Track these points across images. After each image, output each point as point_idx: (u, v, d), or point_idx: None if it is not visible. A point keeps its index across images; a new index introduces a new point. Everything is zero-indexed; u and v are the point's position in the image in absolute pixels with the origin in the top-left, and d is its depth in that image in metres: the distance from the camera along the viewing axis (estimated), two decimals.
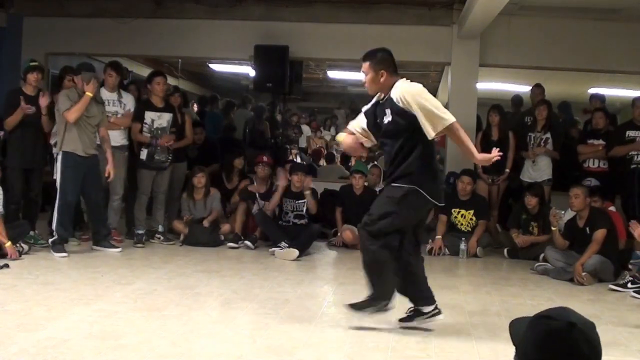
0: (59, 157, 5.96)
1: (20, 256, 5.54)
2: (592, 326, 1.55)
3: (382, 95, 3.95)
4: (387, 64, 3.92)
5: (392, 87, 3.86)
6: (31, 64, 6.37)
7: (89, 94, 5.90)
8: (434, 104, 3.76)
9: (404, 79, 3.91)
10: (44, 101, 6.22)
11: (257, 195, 7.17)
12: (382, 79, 3.89)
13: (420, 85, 3.84)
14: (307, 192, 6.86)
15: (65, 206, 5.97)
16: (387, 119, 3.86)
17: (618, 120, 8.64)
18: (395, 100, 3.78)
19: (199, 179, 6.97)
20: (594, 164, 7.31)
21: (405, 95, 3.75)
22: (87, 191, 6.13)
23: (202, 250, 6.54)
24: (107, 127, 6.46)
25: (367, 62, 3.94)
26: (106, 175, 6.15)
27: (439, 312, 3.98)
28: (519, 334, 1.62)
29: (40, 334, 3.52)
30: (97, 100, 6.15)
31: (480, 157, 3.96)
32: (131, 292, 4.62)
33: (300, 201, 6.89)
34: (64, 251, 5.85)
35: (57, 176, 5.97)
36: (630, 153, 6.94)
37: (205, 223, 6.91)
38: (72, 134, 5.92)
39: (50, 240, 5.98)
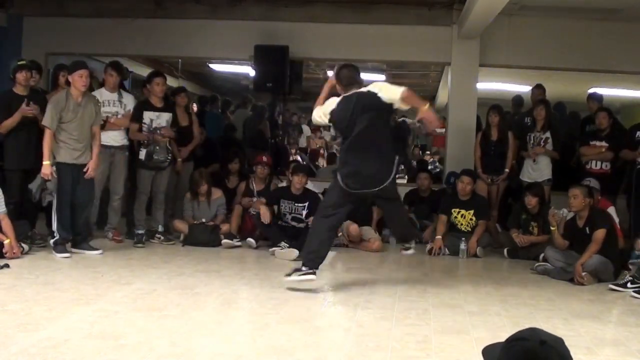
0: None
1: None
2: (561, 341, 1.71)
3: None
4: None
5: None
6: (19, 63, 6.16)
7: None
8: None
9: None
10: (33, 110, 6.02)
11: (255, 193, 7.19)
12: None
13: None
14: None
15: (63, 205, 5.84)
16: None
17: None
18: None
19: (201, 190, 6.98)
20: (596, 165, 7.27)
21: None
22: (76, 197, 5.94)
23: (202, 250, 6.54)
24: (108, 127, 6.47)
25: None
26: (85, 170, 5.85)
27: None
28: (494, 358, 1.74)
29: (40, 334, 3.52)
30: (80, 104, 5.81)
31: None
32: (131, 292, 4.62)
33: (299, 204, 6.80)
34: (66, 251, 5.80)
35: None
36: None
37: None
38: (56, 144, 5.77)
39: (51, 241, 5.91)
